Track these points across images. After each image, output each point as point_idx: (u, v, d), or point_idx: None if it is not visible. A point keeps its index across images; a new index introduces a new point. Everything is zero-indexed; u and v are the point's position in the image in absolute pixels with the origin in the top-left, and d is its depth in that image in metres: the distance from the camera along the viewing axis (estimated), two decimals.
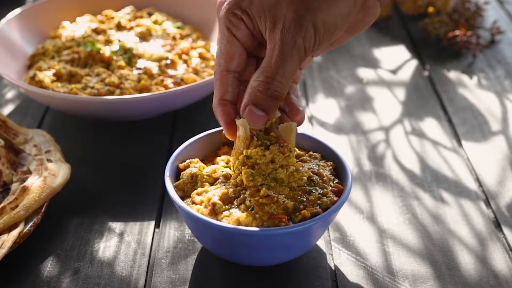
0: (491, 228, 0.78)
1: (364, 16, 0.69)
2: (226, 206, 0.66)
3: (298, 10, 0.61)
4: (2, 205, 0.72)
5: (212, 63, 1.02)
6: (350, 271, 0.72)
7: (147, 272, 0.71)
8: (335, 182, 0.70)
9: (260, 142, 0.66)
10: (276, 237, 0.63)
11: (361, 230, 0.77)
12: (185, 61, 1.00)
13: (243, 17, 0.65)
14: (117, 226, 0.78)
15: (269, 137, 0.68)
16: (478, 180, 0.86)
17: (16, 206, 0.72)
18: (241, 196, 0.66)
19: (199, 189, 0.68)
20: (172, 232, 0.77)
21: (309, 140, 0.75)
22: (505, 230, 0.78)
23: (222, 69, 0.67)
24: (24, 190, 0.74)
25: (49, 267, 0.72)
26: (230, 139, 0.69)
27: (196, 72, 0.98)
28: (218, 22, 0.68)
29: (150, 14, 1.13)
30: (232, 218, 0.64)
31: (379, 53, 1.19)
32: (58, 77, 0.95)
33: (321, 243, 0.75)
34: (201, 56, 1.02)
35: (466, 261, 0.73)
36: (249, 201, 0.65)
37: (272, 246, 0.66)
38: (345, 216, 0.79)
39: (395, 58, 1.17)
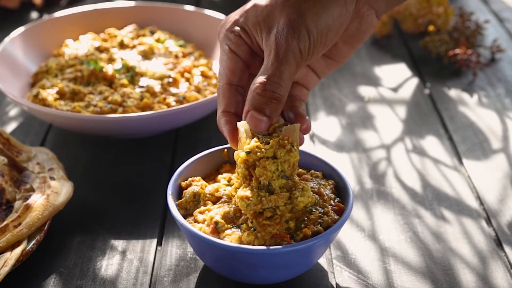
0: (492, 247, 0.78)
1: (360, 25, 0.70)
2: (229, 225, 0.66)
3: (290, 15, 0.64)
4: (5, 223, 0.73)
5: (214, 81, 1.02)
6: None
7: None
8: (336, 200, 0.70)
9: (261, 140, 0.65)
10: (278, 256, 0.63)
11: (363, 248, 0.78)
12: (187, 79, 1.01)
13: (241, 33, 0.67)
14: (119, 244, 0.78)
15: (271, 137, 0.66)
16: (479, 198, 0.86)
17: (19, 224, 0.73)
18: (243, 216, 0.66)
19: (202, 208, 0.69)
20: (174, 250, 0.77)
21: (310, 158, 0.76)
22: (506, 248, 0.78)
23: (224, 83, 0.69)
24: (27, 208, 0.74)
25: (51, 285, 0.72)
26: (234, 149, 0.69)
27: (198, 90, 0.99)
28: (219, 44, 0.69)
29: (152, 33, 1.14)
30: (234, 237, 0.64)
31: (380, 71, 1.19)
32: (61, 95, 0.95)
33: (322, 261, 0.75)
34: (203, 74, 1.03)
35: (468, 280, 0.73)
36: (251, 222, 0.65)
37: (274, 265, 0.66)
38: (347, 234, 0.80)
39: (396, 76, 1.18)
